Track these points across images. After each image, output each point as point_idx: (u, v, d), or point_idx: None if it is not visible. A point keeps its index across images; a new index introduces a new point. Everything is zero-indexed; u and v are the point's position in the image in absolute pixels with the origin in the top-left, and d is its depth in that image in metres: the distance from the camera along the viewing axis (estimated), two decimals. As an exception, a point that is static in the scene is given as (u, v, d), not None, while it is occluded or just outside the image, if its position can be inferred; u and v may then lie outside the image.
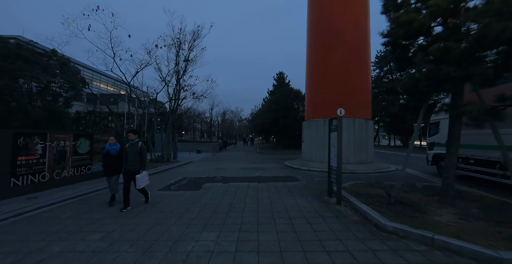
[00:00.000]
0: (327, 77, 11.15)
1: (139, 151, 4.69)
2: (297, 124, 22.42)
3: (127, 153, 4.70)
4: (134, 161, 4.67)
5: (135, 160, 4.67)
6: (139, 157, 4.70)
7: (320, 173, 9.42)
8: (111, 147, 5.02)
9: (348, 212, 4.37)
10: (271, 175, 8.92)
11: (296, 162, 11.93)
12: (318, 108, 11.42)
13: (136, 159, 4.67)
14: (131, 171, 4.65)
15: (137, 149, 4.68)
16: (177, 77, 12.19)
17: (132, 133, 4.82)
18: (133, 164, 4.66)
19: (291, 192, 6.13)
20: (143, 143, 5.04)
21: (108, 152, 4.98)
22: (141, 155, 4.71)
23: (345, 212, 4.41)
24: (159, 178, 8.37)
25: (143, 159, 4.73)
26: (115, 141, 5.11)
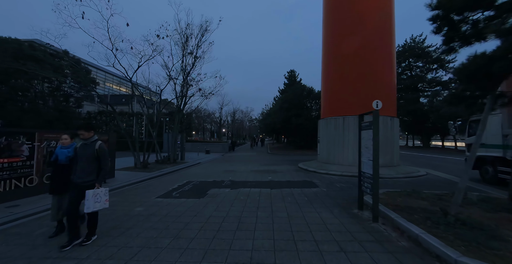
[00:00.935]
0: (346, 70, 10.05)
1: (96, 155, 3.17)
2: (311, 123, 21.27)
3: (77, 159, 3.19)
4: (87, 170, 3.12)
5: (88, 169, 3.13)
6: (96, 164, 3.19)
7: (340, 178, 8.36)
8: (62, 150, 3.51)
9: (391, 234, 3.36)
10: (285, 180, 7.96)
11: (311, 164, 10.90)
12: (336, 105, 10.33)
13: (90, 168, 3.14)
14: (81, 186, 3.06)
15: (93, 152, 3.15)
16: (183, 74, 11.49)
17: (83, 130, 3.21)
18: (85, 175, 3.10)
19: (311, 201, 5.16)
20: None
21: (57, 158, 3.49)
22: (100, 161, 3.21)
23: (386, 233, 3.40)
24: (162, 182, 7.63)
25: (103, 168, 3.22)
26: (70, 141, 3.55)
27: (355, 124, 9.56)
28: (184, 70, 12.15)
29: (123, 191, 6.32)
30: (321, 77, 11.96)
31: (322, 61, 11.73)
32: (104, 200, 3.22)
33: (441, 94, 26.65)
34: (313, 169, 9.98)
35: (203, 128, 54.72)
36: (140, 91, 10.33)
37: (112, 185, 6.78)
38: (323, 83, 11.61)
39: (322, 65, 11.84)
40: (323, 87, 11.64)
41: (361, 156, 4.56)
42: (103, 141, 7.59)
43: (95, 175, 3.20)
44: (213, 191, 6.23)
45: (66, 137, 3.57)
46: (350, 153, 9.58)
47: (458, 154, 20.47)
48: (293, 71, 36.38)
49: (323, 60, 11.70)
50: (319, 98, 22.52)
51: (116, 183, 7.09)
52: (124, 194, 5.90)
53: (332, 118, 10.36)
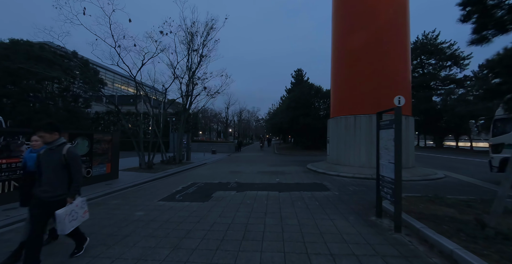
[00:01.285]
0: (357, 67, 9.56)
1: (65, 163, 2.51)
2: (319, 123, 20.75)
3: (40, 168, 2.54)
4: (54, 182, 2.48)
5: (56, 181, 2.49)
6: (65, 174, 2.54)
7: (352, 180, 7.90)
8: (31, 154, 3.01)
9: (418, 248, 2.95)
10: (293, 182, 7.58)
11: (321, 166, 10.46)
12: (346, 103, 9.86)
13: (58, 179, 2.51)
14: (47, 202, 2.44)
15: (59, 159, 2.49)
16: (189, 73, 11.26)
17: (43, 131, 2.47)
18: (52, 188, 2.46)
19: (324, 206, 4.77)
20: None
21: (25, 164, 3.03)
22: (70, 170, 2.54)
23: (413, 247, 2.99)
24: (166, 184, 7.39)
25: (74, 178, 2.55)
26: (41, 144, 2.78)
27: (367, 123, 9.08)
28: (190, 69, 11.93)
29: (126, 193, 6.09)
30: (330, 75, 11.50)
31: (332, 59, 11.27)
32: (82, 213, 2.68)
33: (456, 93, 25.56)
34: (322, 170, 9.55)
35: (209, 128, 54.79)
36: (145, 90, 10.16)
37: (115, 186, 6.58)
38: (333, 81, 11.15)
39: (331, 63, 11.37)
40: (333, 85, 11.17)
41: (380, 158, 4.14)
42: (106, 141, 7.45)
43: (66, 188, 2.53)
44: (218, 194, 5.93)
45: (36, 138, 2.87)
46: (363, 154, 9.10)
47: (474, 155, 19.51)
48: (300, 70, 35.86)
49: (332, 57, 11.23)
50: (327, 97, 21.96)
51: (119, 184, 6.89)
52: (126, 197, 5.67)
53: (343, 117, 9.89)
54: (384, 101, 8.90)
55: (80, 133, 6.45)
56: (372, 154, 8.84)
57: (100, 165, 7.06)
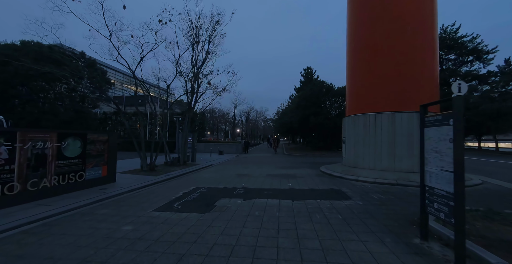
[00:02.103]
0: (377, 61, 8.59)
1: None
2: (330, 122, 19.73)
3: None
4: None
5: None
6: None
7: (374, 186, 6.96)
8: None
9: (501, 295, 2.06)
10: (307, 187, 6.72)
11: (336, 168, 9.52)
12: (365, 100, 8.89)
13: None
14: None
15: None
16: (193, 69, 10.62)
17: None
18: None
19: (348, 221, 3.91)
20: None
21: None
22: None
23: (492, 292, 2.10)
24: (166, 189, 6.70)
25: None
26: None
27: (390, 121, 8.10)
28: (195, 65, 11.30)
29: (119, 200, 5.43)
30: (346, 70, 10.54)
31: (347, 52, 10.31)
32: None
33: (479, 89, 23.79)
34: (338, 174, 8.62)
35: (217, 129, 54.46)
36: (146, 88, 9.58)
37: (110, 192, 5.94)
38: (349, 76, 10.18)
39: (347, 57, 10.42)
40: (349, 81, 10.20)
41: (426, 163, 3.25)
42: (102, 141, 6.84)
43: None
44: (222, 202, 5.16)
45: None
46: (384, 156, 8.12)
47: (503, 156, 17.92)
48: (309, 68, 34.76)
49: (348, 50, 10.27)
50: (339, 95, 20.88)
51: (115, 189, 6.25)
52: (118, 205, 5.00)
53: (361, 115, 8.93)
54: (412, 97, 7.91)
55: (71, 133, 5.85)
56: (396, 157, 7.86)
57: (94, 167, 6.46)
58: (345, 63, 10.58)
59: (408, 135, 7.83)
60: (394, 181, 7.14)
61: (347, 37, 10.36)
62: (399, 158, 7.86)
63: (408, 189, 6.48)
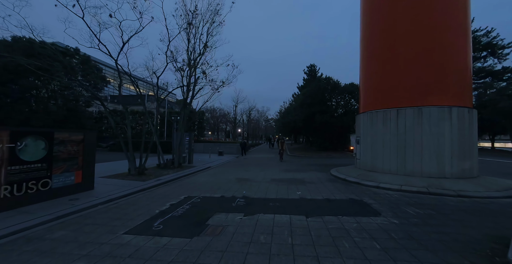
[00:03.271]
0: (399, 47, 7.42)
1: None
2: (337, 121, 18.55)
3: None
4: None
5: None
6: None
7: (401, 195, 5.79)
8: None
9: None
10: (322, 197, 5.57)
11: (350, 172, 8.36)
12: (386, 93, 7.72)
13: None
14: None
15: None
16: (189, 59, 9.52)
17: None
18: None
19: (392, 255, 2.76)
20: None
21: None
22: None
23: None
24: (152, 198, 5.58)
25: None
26: None
27: (416, 117, 6.93)
28: (190, 58, 10.18)
29: (88, 215, 4.32)
30: (360, 61, 9.38)
31: (362, 40, 9.14)
32: None
33: (495, 86, 22.45)
34: (354, 179, 7.46)
35: (217, 128, 53.42)
36: (133, 79, 8.49)
37: (81, 203, 4.83)
38: (364, 67, 9.01)
39: (360, 46, 9.25)
40: (365, 72, 9.03)
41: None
42: (76, 141, 5.71)
43: None
44: (217, 220, 4.03)
45: None
46: (409, 158, 6.95)
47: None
48: (313, 66, 33.60)
49: (362, 38, 9.10)
50: (346, 92, 19.68)
51: (89, 199, 5.14)
52: (82, 223, 3.88)
53: (380, 112, 7.76)
54: (439, 88, 6.76)
55: (31, 131, 4.74)
56: (423, 159, 6.69)
57: (65, 173, 5.36)
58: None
59: (438, 134, 6.65)
60: (424, 189, 5.97)
61: (361, 24, 9.19)
62: (427, 161, 6.69)
63: (446, 200, 5.31)
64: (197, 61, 9.99)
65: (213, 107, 51.86)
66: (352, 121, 18.73)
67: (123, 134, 13.83)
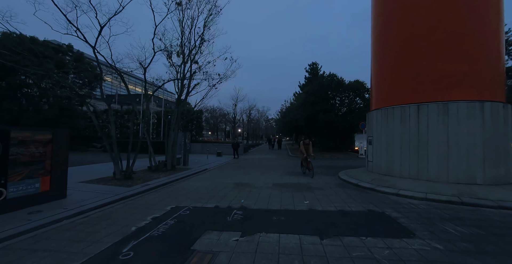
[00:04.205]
0: (421, 31, 6.50)
1: None
2: (341, 120, 17.64)
3: None
4: None
5: None
6: None
7: (429, 205, 4.87)
8: None
9: None
10: (335, 208, 4.66)
11: (362, 176, 7.44)
12: (404, 87, 6.80)
13: None
14: None
15: None
16: (182, 49, 8.63)
17: None
18: None
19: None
20: None
21: None
22: None
23: None
24: (132, 209, 4.67)
25: None
26: None
27: (441, 114, 6.02)
28: (183, 51, 9.28)
29: (42, 235, 3.41)
30: (371, 53, 8.48)
31: (373, 29, 8.23)
32: None
33: (506, 84, 21.47)
34: (368, 184, 6.55)
35: (216, 128, 52.55)
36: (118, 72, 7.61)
37: (41, 217, 3.93)
38: (376, 60, 8.10)
39: (372, 36, 8.34)
40: (376, 65, 8.12)
41: None
42: (41, 142, 4.65)
43: None
44: (206, 242, 3.13)
45: None
46: (433, 160, 6.04)
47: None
48: (315, 64, 32.69)
49: (374, 26, 8.19)
50: (350, 90, 18.77)
51: (54, 212, 4.24)
52: (27, 250, 2.98)
53: (397, 108, 6.84)
54: (467, 80, 5.85)
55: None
56: (449, 162, 5.80)
57: (26, 180, 4.45)
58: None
59: (468, 133, 5.74)
60: (455, 198, 5.05)
61: (372, 8, 8.27)
62: (455, 165, 5.77)
63: (487, 213, 4.39)
64: (192, 52, 9.08)
65: (213, 107, 50.95)
66: (357, 120, 17.82)
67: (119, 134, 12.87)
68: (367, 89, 19.11)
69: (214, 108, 52.63)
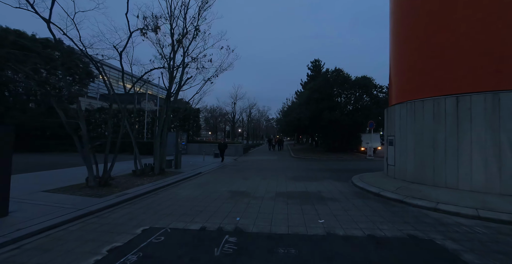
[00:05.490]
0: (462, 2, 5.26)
1: None
2: (348, 118, 16.40)
3: None
4: None
5: None
6: None
7: (486, 227, 3.63)
8: None
9: None
10: (361, 232, 3.43)
11: (383, 183, 6.19)
12: (437, 75, 5.56)
13: None
14: None
15: None
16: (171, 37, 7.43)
17: None
18: None
19: None
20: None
21: None
22: None
23: None
24: (86, 234, 3.45)
25: None
26: None
27: (488, 107, 4.77)
28: (172, 31, 8.06)
29: None
30: (390, 37, 7.25)
31: (393, 7, 6.99)
32: None
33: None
34: (393, 194, 5.31)
35: (216, 128, 51.37)
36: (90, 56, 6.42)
37: None
38: (399, 39, 6.86)
39: (392, 17, 7.11)
40: (398, 50, 6.87)
41: None
42: None
43: None
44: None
45: None
46: (478, 166, 4.80)
47: None
48: (318, 61, 31.47)
49: (394, 3, 6.95)
50: (357, 87, 17.52)
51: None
52: None
53: (428, 101, 5.61)
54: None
55: None
56: (503, 168, 4.53)
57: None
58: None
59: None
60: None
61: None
62: (510, 171, 4.53)
63: None
64: (182, 39, 7.86)
65: (213, 107, 49.72)
66: (364, 118, 16.58)
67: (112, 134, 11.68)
68: (375, 85, 17.87)
69: (214, 107, 51.47)
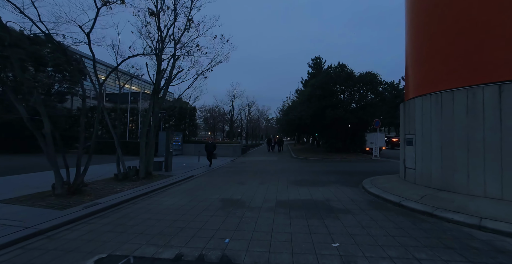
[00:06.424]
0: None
1: None
2: (352, 117, 15.47)
3: None
4: None
5: None
6: None
7: None
8: None
9: None
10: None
11: (403, 190, 5.24)
12: (470, 60, 4.62)
13: None
14: None
15: None
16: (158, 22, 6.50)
17: None
18: None
19: None
20: None
21: None
22: None
23: None
24: (39, 258, 2.50)
25: None
26: None
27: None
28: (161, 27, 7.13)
29: None
30: (405, 14, 6.31)
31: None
32: None
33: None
34: (419, 205, 4.36)
35: (214, 128, 50.44)
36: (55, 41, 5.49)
37: None
38: (418, 21, 5.92)
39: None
40: (419, 29, 5.93)
41: None
42: None
43: None
44: None
45: None
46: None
47: None
48: (319, 58, 30.55)
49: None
50: (362, 83, 16.56)
51: None
52: None
53: (460, 91, 4.66)
54: None
55: None
56: None
57: None
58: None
59: None
60: None
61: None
62: None
63: None
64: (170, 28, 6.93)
65: (212, 106, 48.72)
66: (370, 116, 15.64)
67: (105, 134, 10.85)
68: (381, 81, 16.94)
69: (213, 107, 50.50)
